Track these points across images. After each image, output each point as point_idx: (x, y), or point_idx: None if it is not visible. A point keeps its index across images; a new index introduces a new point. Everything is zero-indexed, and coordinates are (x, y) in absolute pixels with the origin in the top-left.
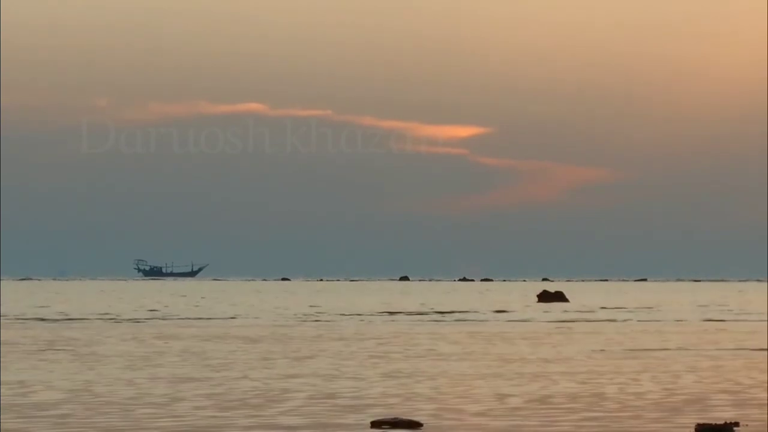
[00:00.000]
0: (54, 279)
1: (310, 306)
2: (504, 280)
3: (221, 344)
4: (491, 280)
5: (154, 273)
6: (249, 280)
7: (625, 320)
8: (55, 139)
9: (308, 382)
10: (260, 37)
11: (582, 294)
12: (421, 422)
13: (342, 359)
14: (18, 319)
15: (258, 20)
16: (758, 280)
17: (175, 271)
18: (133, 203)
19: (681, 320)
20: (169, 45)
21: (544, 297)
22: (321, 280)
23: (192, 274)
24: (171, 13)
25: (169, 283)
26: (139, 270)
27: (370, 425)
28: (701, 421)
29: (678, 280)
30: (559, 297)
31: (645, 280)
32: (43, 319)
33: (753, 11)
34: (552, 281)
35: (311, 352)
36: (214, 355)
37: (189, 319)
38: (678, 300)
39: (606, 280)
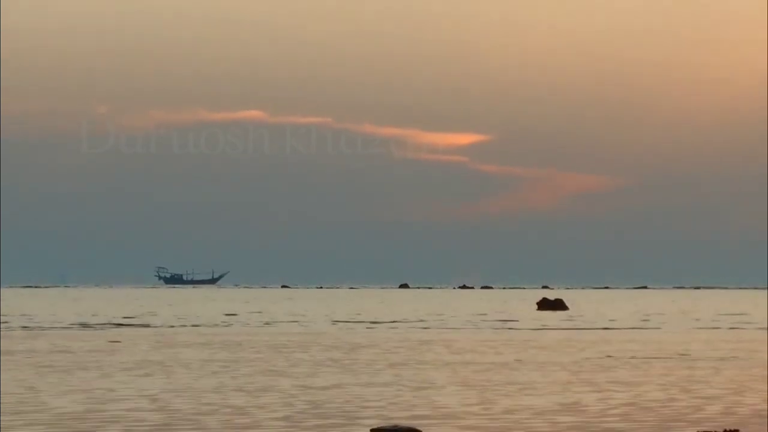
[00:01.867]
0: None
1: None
2: (504, 288)
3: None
4: (491, 288)
5: (175, 280)
6: (247, 288)
7: (620, 328)
8: (57, 143)
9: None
10: (259, 43)
11: (581, 302)
12: (421, 429)
13: (343, 368)
14: (85, 326)
15: (258, 27)
16: (757, 288)
17: (196, 278)
18: (139, 209)
19: (689, 328)
20: (169, 52)
21: (544, 305)
22: (320, 287)
23: (213, 281)
24: (171, 21)
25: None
26: (159, 277)
27: None
28: (702, 429)
29: (677, 287)
30: (558, 305)
31: (645, 287)
32: (120, 325)
33: (752, 17)
34: (551, 288)
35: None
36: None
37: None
38: (675, 308)
39: (606, 288)
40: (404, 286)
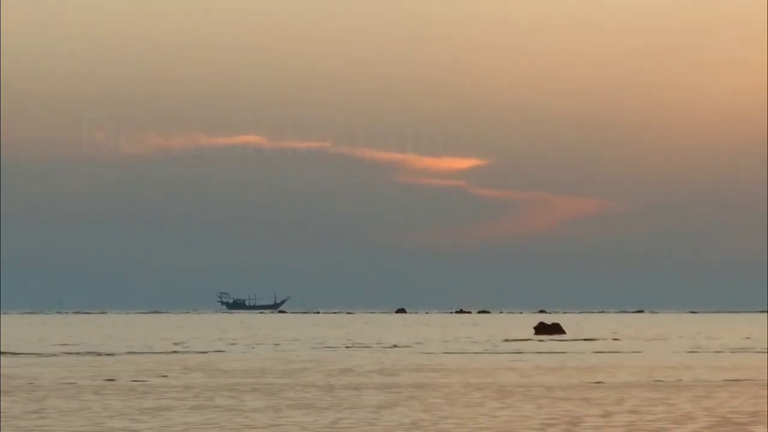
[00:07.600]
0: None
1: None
2: (501, 312)
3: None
4: (488, 312)
5: (238, 306)
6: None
7: (616, 352)
8: (58, 170)
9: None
10: (257, 69)
11: (578, 326)
12: None
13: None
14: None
15: (256, 53)
16: (756, 312)
17: (258, 303)
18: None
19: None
20: (167, 77)
21: (541, 329)
22: (318, 312)
23: (275, 306)
24: (170, 46)
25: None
26: (222, 303)
27: None
28: None
29: (674, 311)
30: (556, 329)
31: (642, 311)
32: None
33: (751, 40)
34: (548, 313)
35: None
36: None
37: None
38: (676, 332)
39: (603, 312)
40: (401, 310)
